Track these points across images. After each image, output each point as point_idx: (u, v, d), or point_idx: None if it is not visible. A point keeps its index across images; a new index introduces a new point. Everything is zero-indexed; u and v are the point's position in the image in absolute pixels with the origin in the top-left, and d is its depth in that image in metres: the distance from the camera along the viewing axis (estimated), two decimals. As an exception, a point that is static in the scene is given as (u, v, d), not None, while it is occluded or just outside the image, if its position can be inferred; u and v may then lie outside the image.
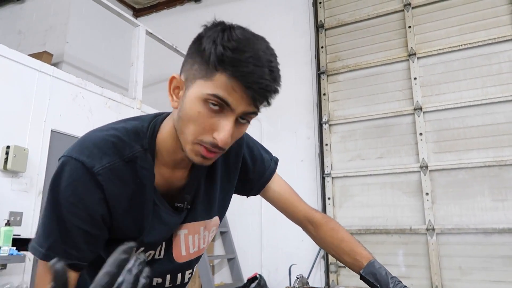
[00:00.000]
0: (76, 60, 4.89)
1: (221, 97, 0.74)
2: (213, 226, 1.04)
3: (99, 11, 4.44)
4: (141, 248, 0.89)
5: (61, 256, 0.77)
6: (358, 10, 4.55)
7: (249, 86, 0.73)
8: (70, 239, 0.78)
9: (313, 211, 1.12)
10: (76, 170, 0.78)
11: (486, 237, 3.54)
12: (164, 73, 5.57)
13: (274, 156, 1.15)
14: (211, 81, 0.74)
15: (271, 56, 0.77)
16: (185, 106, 0.78)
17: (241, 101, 0.74)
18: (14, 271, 2.89)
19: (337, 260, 1.08)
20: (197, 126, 0.77)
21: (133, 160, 0.83)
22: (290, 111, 4.59)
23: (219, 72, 0.73)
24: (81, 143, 0.82)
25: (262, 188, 1.11)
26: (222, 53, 0.72)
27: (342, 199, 4.21)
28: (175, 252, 0.96)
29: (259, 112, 0.80)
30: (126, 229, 0.85)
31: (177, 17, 5.84)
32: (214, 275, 4.55)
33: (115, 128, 0.86)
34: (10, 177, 2.96)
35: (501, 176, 3.58)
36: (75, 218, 0.78)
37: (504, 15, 3.85)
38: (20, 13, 5.47)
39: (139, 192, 0.84)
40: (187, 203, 0.93)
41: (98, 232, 0.81)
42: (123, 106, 3.96)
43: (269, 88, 0.75)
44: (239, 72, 0.72)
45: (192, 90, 0.77)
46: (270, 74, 0.75)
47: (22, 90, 3.12)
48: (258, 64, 0.73)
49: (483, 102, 3.76)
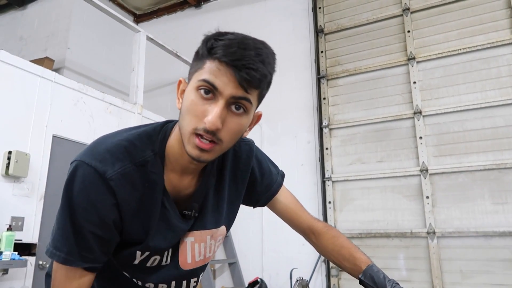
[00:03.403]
0: (77, 65, 4.92)
1: (208, 81, 0.77)
2: (220, 236, 1.05)
3: (100, 17, 4.46)
4: (146, 253, 0.90)
5: (79, 260, 0.81)
6: (357, 15, 4.58)
7: (234, 65, 0.75)
8: (85, 243, 0.80)
9: (315, 221, 1.15)
10: (88, 176, 0.79)
11: (486, 240, 3.54)
12: (165, 78, 5.59)
13: (281, 170, 1.19)
14: (201, 69, 0.79)
15: (260, 44, 0.80)
16: (184, 101, 0.82)
17: (228, 83, 0.76)
18: (15, 276, 2.90)
19: (338, 266, 1.10)
20: (192, 115, 0.79)
21: (144, 165, 0.85)
22: (290, 115, 4.61)
23: (208, 60, 0.78)
24: (94, 148, 0.84)
25: (269, 200, 1.13)
26: (212, 43, 0.77)
27: (343, 203, 4.21)
28: (181, 259, 0.97)
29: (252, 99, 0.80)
30: (134, 232, 0.87)
31: (177, 23, 5.88)
32: (215, 279, 4.55)
33: (127, 133, 0.88)
34: (12, 182, 2.97)
35: (501, 179, 3.59)
36: (88, 223, 0.80)
37: (502, 19, 3.87)
38: (22, 19, 5.50)
39: (148, 196, 0.86)
40: (195, 211, 0.94)
41: (110, 236, 0.83)
42: (124, 111, 3.97)
43: (255, 67, 0.76)
44: (225, 54, 0.76)
45: (189, 85, 0.82)
46: (257, 57, 0.77)
47: (23, 96, 3.14)
48: (244, 47, 0.77)
49: (482, 106, 3.77)
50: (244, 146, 1.05)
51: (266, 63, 0.79)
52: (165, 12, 6.04)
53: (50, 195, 3.17)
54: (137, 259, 0.91)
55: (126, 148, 0.84)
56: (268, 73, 0.80)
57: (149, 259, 0.92)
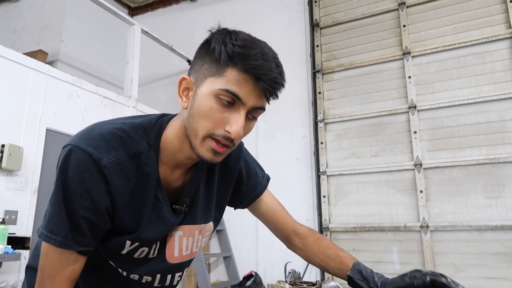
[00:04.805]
0: (71, 58, 4.88)
1: (232, 92, 0.78)
2: (208, 231, 1.06)
3: (94, 10, 4.43)
4: (136, 243, 0.91)
5: (74, 244, 0.81)
6: (353, 9, 4.57)
7: (259, 78, 0.77)
8: (78, 228, 0.81)
9: (299, 225, 1.16)
10: (83, 161, 0.79)
11: (479, 234, 3.57)
12: (159, 71, 5.57)
13: (267, 174, 1.19)
14: (222, 77, 0.78)
15: (275, 54, 0.83)
16: (197, 103, 0.81)
17: (251, 94, 0.78)
18: (9, 270, 2.89)
19: (324, 269, 1.09)
20: (209, 121, 0.80)
21: (138, 156, 0.85)
22: (286, 110, 4.60)
23: (230, 68, 0.78)
24: (88, 133, 0.84)
25: (253, 201, 1.13)
26: (232, 49, 0.77)
27: (337, 197, 4.23)
28: (168, 253, 0.97)
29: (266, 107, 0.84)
30: (125, 222, 0.87)
31: (172, 16, 5.84)
32: (210, 273, 4.56)
33: (123, 123, 0.88)
34: (5, 176, 2.95)
35: (494, 173, 3.62)
36: (82, 209, 0.80)
37: (497, 14, 3.88)
38: (15, 12, 5.44)
39: (141, 187, 0.86)
40: (185, 205, 0.95)
41: (102, 222, 0.84)
42: (118, 105, 3.96)
43: (278, 80, 0.79)
44: (249, 66, 0.77)
45: (203, 87, 0.81)
46: (277, 68, 0.80)
47: (17, 89, 3.12)
48: (266, 58, 0.78)
49: (476, 101, 3.79)
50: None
51: (283, 73, 0.82)
52: (160, 5, 6.00)
53: (44, 189, 3.16)
54: (126, 249, 0.91)
55: (121, 138, 0.84)
56: (284, 82, 0.83)
57: (137, 250, 0.92)
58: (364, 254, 3.91)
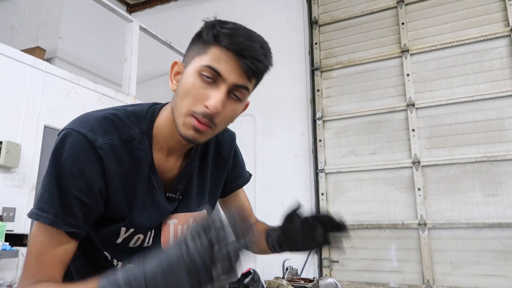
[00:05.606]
0: (69, 55, 4.86)
1: (213, 67, 0.79)
2: None
3: (92, 7, 4.41)
4: (131, 229, 0.90)
5: (64, 224, 0.79)
6: (351, 7, 4.56)
7: (241, 54, 0.79)
8: (69, 208, 0.80)
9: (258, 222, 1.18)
10: (78, 142, 0.80)
11: (477, 232, 3.58)
12: (157, 68, 5.56)
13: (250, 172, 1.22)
14: (206, 55, 0.81)
15: (262, 39, 0.84)
16: (182, 82, 0.84)
17: (232, 71, 0.80)
18: (7, 267, 2.89)
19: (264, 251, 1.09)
20: (191, 98, 0.81)
21: (130, 141, 0.86)
22: (284, 107, 4.60)
23: (214, 46, 0.80)
24: (83, 118, 0.85)
25: (232, 192, 1.15)
26: (218, 30, 0.80)
27: (336, 194, 4.23)
28: (163, 241, 0.97)
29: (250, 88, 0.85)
30: (118, 206, 0.87)
31: (171, 13, 5.82)
32: (208, 270, 4.56)
33: (115, 109, 0.90)
34: (3, 173, 2.95)
35: (492, 171, 3.63)
36: (75, 189, 0.79)
37: (495, 12, 3.88)
38: (13, 8, 5.42)
39: (133, 172, 0.86)
40: (179, 193, 0.96)
41: (94, 204, 0.83)
42: (116, 102, 3.95)
43: (260, 59, 0.80)
44: (232, 43, 0.79)
45: (189, 67, 0.83)
46: (261, 49, 0.81)
47: (14, 86, 3.11)
48: (251, 39, 0.81)
49: (474, 99, 3.79)
50: (227, 135, 1.09)
51: (268, 56, 0.83)
52: (159, 2, 5.98)
53: (42, 186, 3.16)
54: (121, 237, 0.90)
55: (114, 123, 0.85)
56: (269, 65, 0.84)
57: (132, 238, 0.92)
58: (362, 252, 3.92)
